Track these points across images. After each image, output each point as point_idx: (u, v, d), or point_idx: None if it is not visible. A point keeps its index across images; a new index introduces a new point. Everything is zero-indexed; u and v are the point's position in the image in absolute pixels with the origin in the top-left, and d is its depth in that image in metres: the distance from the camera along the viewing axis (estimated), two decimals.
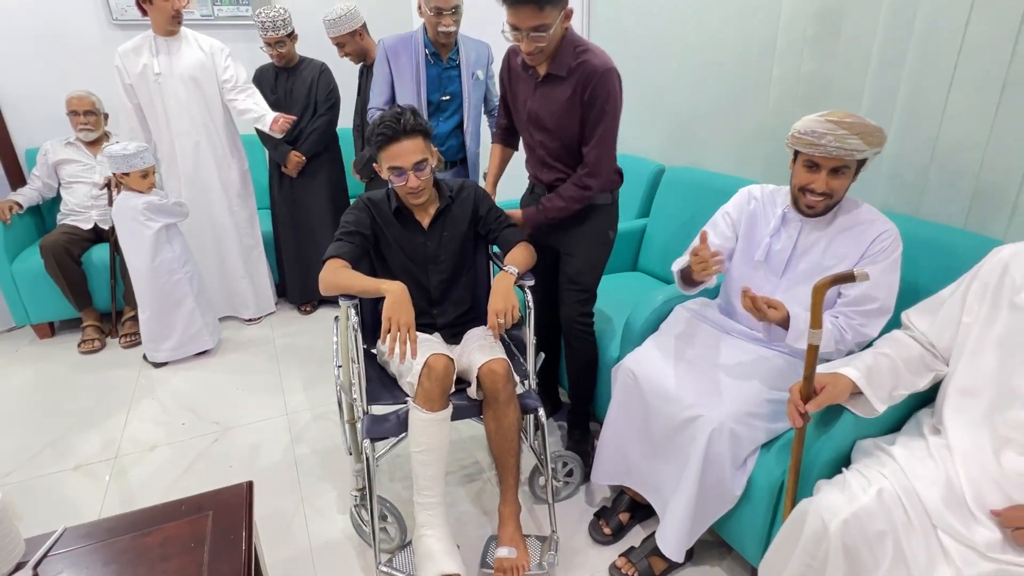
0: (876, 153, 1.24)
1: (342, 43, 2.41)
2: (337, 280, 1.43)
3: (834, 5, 1.62)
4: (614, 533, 1.55)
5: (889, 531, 0.94)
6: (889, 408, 1.13)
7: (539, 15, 1.35)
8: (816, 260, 1.35)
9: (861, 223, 1.31)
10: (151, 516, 1.12)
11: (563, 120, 1.52)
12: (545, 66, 1.50)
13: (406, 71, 2.08)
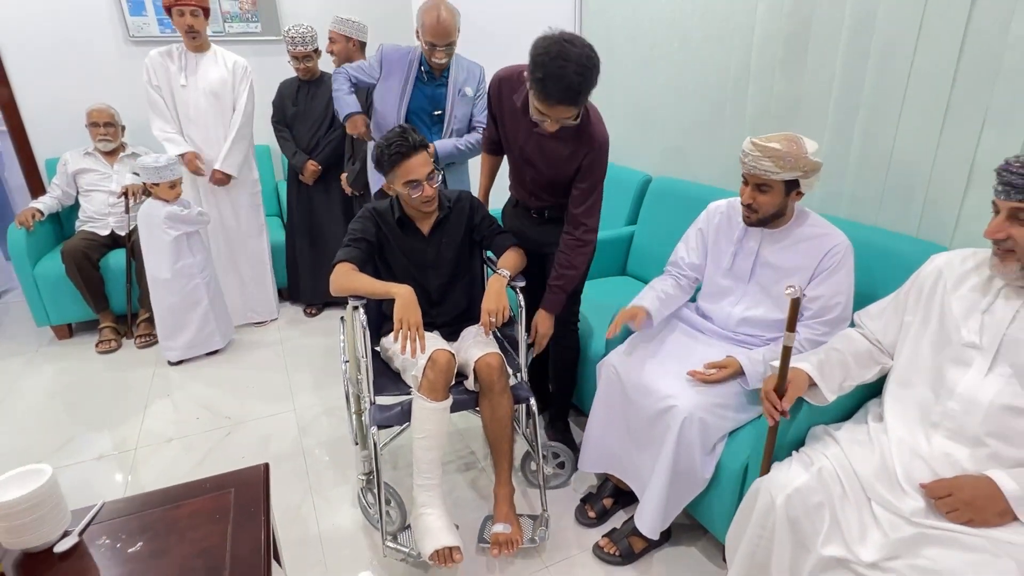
0: (802, 176, 1.34)
1: (335, 40, 2.57)
2: (348, 283, 1.58)
3: (800, 31, 1.77)
4: (598, 517, 1.69)
5: (826, 503, 1.07)
6: (840, 398, 1.27)
7: (572, 111, 1.40)
8: (777, 268, 1.49)
9: (816, 236, 1.44)
10: (180, 492, 1.25)
11: (556, 167, 1.60)
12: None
13: (395, 84, 2.19)
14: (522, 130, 1.62)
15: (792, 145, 1.34)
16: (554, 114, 1.40)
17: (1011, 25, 1.30)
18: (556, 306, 1.70)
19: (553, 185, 1.67)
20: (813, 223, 1.46)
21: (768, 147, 1.34)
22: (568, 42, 1.34)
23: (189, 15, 2.46)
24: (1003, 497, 0.98)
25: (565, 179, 1.62)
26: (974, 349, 1.11)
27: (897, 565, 0.97)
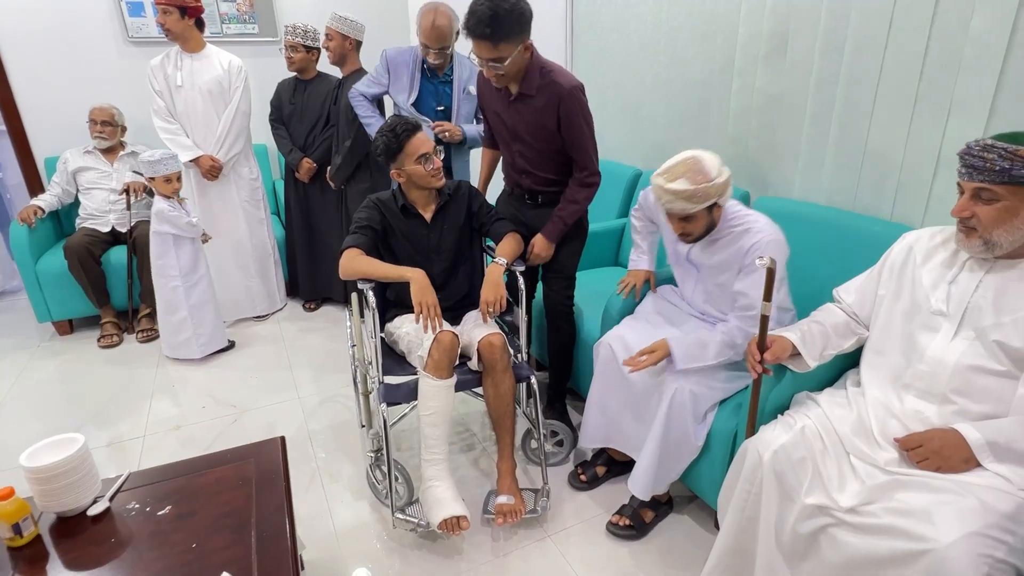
0: (713, 201, 1.42)
1: (331, 36, 2.64)
2: (359, 266, 1.66)
3: (780, 29, 1.88)
4: (589, 481, 1.79)
5: (809, 457, 1.16)
6: (821, 368, 1.37)
7: (494, 50, 1.55)
8: (710, 267, 1.59)
9: (737, 234, 1.50)
10: (203, 462, 1.32)
11: (538, 132, 1.72)
12: (516, 86, 1.70)
13: (403, 82, 2.32)
14: (500, 104, 1.78)
15: (697, 177, 1.39)
16: (481, 53, 1.57)
17: (971, 22, 1.41)
18: (555, 235, 1.82)
19: (542, 155, 1.77)
20: (733, 222, 1.51)
21: (677, 191, 1.39)
22: None
23: (161, 13, 2.50)
24: (968, 446, 1.08)
25: (551, 141, 1.73)
26: (941, 316, 1.21)
27: (872, 508, 1.06)
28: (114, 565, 1.05)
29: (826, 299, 1.49)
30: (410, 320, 1.74)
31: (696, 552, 1.55)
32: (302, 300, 3.23)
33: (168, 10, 2.48)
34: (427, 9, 2.15)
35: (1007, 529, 0.95)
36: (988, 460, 1.07)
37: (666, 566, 1.54)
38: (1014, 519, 0.97)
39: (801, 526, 1.14)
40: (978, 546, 0.92)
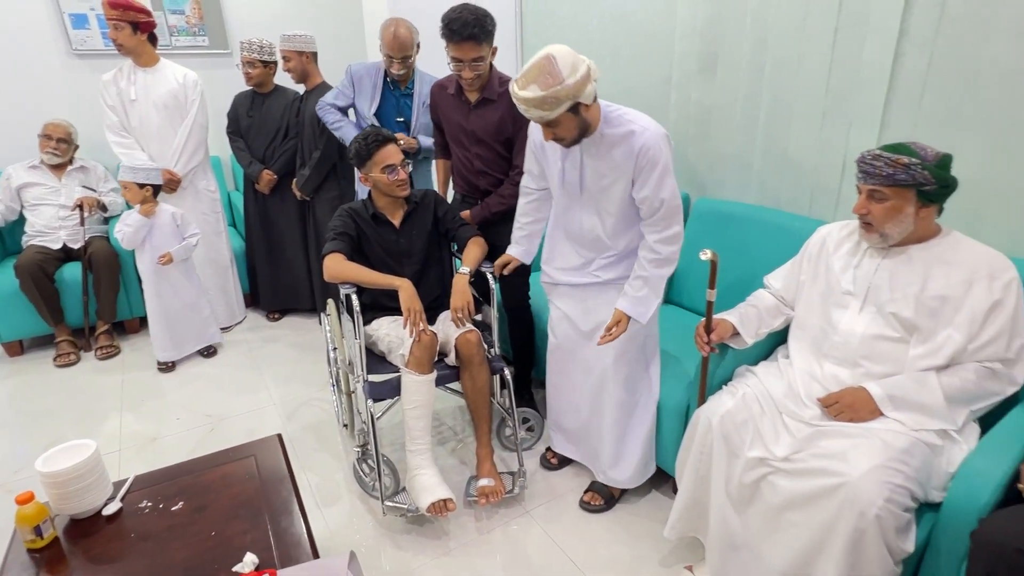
0: (571, 103, 1.37)
1: (288, 58, 2.72)
2: (347, 271, 1.77)
3: (710, 50, 2.12)
4: (560, 463, 1.96)
5: (750, 419, 1.37)
6: (757, 344, 1.60)
7: (477, 48, 1.75)
8: (602, 175, 1.57)
9: (624, 136, 1.50)
10: (204, 462, 1.40)
11: (499, 134, 1.93)
12: (476, 94, 1.90)
13: (366, 94, 2.44)
14: (458, 112, 1.96)
15: (548, 80, 1.34)
16: (462, 53, 1.75)
17: (863, 48, 1.68)
18: (477, 217, 2.04)
19: (499, 156, 1.97)
20: (618, 122, 1.50)
21: (529, 98, 1.35)
22: (466, 3, 1.76)
23: (112, 28, 2.50)
24: (873, 400, 1.32)
25: (508, 142, 1.94)
26: (850, 295, 1.45)
27: (801, 455, 1.28)
28: (140, 557, 1.13)
29: (758, 286, 1.72)
30: (387, 323, 1.86)
31: (658, 514, 1.75)
32: (265, 311, 3.26)
33: (120, 25, 2.47)
34: (388, 22, 2.28)
35: (903, 461, 1.18)
36: (889, 410, 1.31)
37: (634, 529, 1.73)
38: (908, 453, 1.20)
39: (745, 477, 1.35)
40: (882, 475, 1.15)
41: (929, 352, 1.33)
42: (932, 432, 1.27)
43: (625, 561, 1.62)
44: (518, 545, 1.68)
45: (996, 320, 1.29)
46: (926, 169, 1.27)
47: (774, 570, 1.31)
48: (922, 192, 1.30)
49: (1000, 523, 1.03)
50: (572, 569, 1.59)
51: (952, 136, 1.54)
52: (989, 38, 1.44)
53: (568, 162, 1.61)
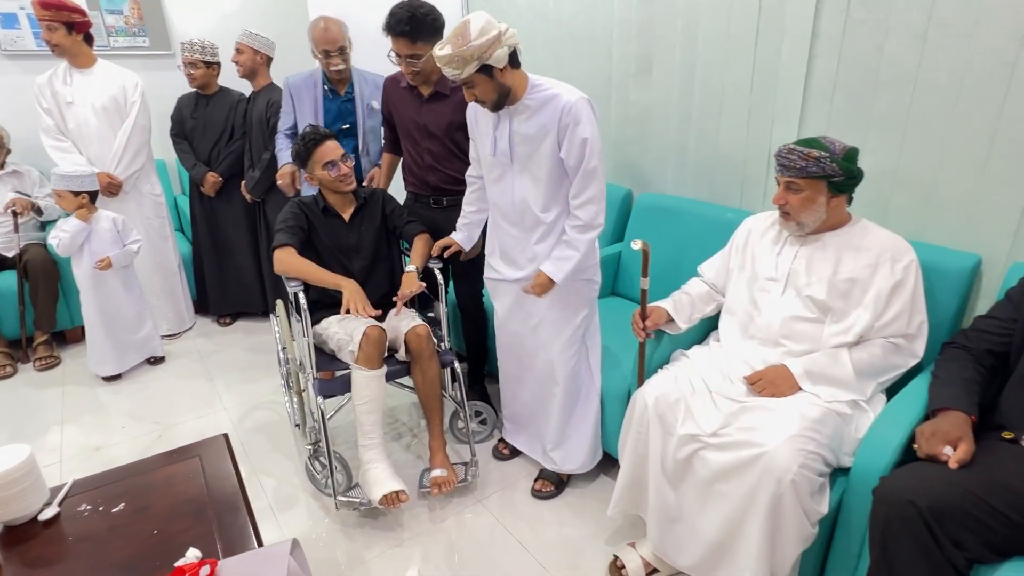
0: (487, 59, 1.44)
1: (242, 50, 2.70)
2: (297, 266, 1.80)
3: (645, 52, 2.22)
4: (512, 453, 2.02)
5: (682, 398, 1.45)
6: (691, 330, 1.69)
7: (412, 47, 1.78)
8: (529, 137, 1.60)
9: (548, 100, 1.56)
10: (148, 464, 1.39)
11: (452, 128, 1.92)
12: (429, 88, 1.92)
13: (307, 106, 2.40)
14: (411, 106, 1.98)
15: (458, 41, 1.42)
16: (400, 50, 1.79)
17: (782, 49, 1.79)
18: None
19: (450, 151, 1.97)
20: (537, 91, 1.58)
21: (441, 56, 1.43)
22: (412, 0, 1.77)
23: (45, 29, 2.42)
24: (793, 376, 1.42)
25: (456, 142, 1.94)
26: (772, 281, 1.55)
27: (728, 430, 1.36)
28: (78, 559, 1.12)
29: (693, 275, 1.81)
30: (335, 321, 1.87)
31: (605, 496, 1.80)
32: (214, 316, 3.20)
33: (53, 26, 2.40)
34: (314, 22, 2.28)
35: (816, 429, 1.28)
36: (806, 384, 1.41)
37: (582, 512, 1.79)
38: (821, 422, 1.30)
39: (679, 453, 1.42)
40: (796, 443, 1.24)
41: (841, 330, 1.44)
42: (844, 403, 1.37)
43: (573, 542, 1.68)
44: (471, 532, 1.72)
45: (898, 299, 1.41)
46: (834, 162, 1.38)
47: (706, 539, 1.39)
48: (832, 183, 1.41)
49: (896, 480, 1.13)
50: (522, 553, 1.65)
51: (861, 131, 1.67)
52: (888, 40, 1.57)
53: (498, 131, 1.66)
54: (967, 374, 1.27)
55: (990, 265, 1.51)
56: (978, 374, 1.28)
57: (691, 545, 1.44)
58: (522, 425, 1.97)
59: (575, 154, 1.57)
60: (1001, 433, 1.21)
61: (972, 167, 1.50)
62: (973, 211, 1.52)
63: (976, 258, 1.50)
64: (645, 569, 1.54)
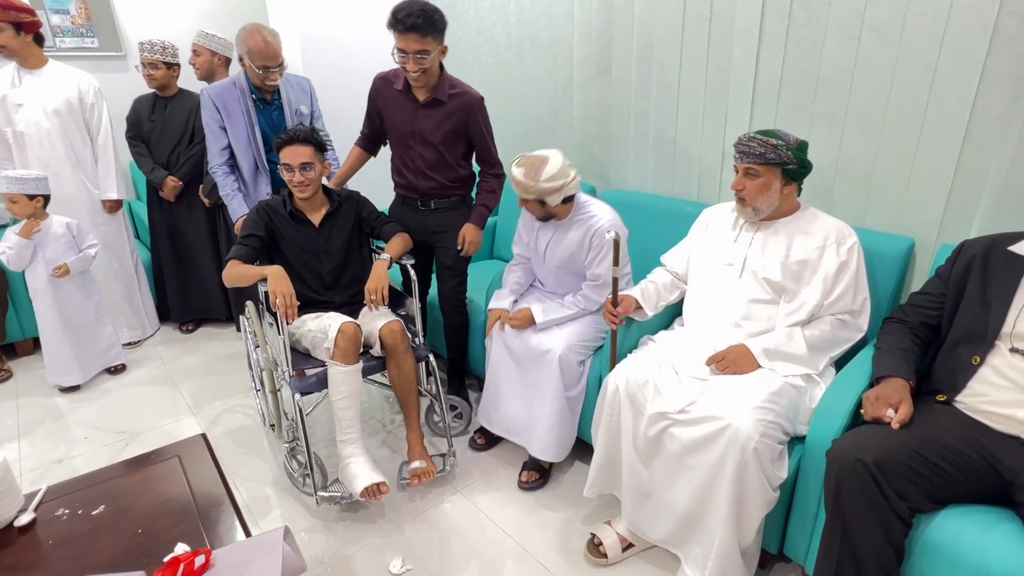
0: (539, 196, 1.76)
1: (199, 52, 2.66)
2: (234, 273, 1.80)
3: (604, 54, 2.31)
4: (487, 443, 2.07)
5: (651, 379, 1.53)
6: (657, 316, 1.78)
7: (422, 41, 1.76)
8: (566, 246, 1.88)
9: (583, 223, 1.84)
10: (126, 465, 1.38)
11: (446, 135, 1.95)
12: (425, 92, 1.92)
13: (238, 119, 2.20)
14: (404, 110, 1.97)
15: (531, 173, 1.72)
16: (409, 46, 1.77)
17: (732, 50, 1.91)
18: (482, 219, 2.09)
19: (443, 158, 1.99)
20: (578, 215, 1.85)
21: (513, 174, 1.75)
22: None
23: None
24: (752, 355, 1.52)
25: (455, 143, 1.99)
26: (730, 266, 1.66)
27: (694, 407, 1.45)
28: (60, 561, 1.10)
29: (656, 265, 1.91)
30: (310, 319, 1.88)
31: (581, 479, 1.88)
32: (176, 323, 3.13)
33: (1, 27, 2.32)
34: (251, 30, 2.06)
35: (774, 401, 1.38)
36: (764, 361, 1.51)
37: (560, 495, 1.86)
38: (778, 394, 1.40)
39: (649, 431, 1.50)
40: (757, 414, 1.34)
41: (794, 309, 1.56)
42: (798, 377, 1.49)
43: (553, 524, 1.74)
44: (451, 521, 1.76)
45: (844, 279, 1.53)
46: (789, 150, 1.50)
47: (677, 511, 1.47)
48: (786, 170, 1.52)
49: (845, 441, 1.24)
50: (503, 537, 1.70)
51: (805, 126, 1.80)
52: (826, 43, 1.70)
53: (542, 235, 1.95)
54: (904, 344, 1.39)
55: (922, 247, 1.65)
56: (914, 344, 1.40)
57: (663, 518, 1.52)
58: (509, 417, 1.98)
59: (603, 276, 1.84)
60: (935, 396, 1.34)
61: (903, 159, 1.64)
62: (905, 199, 1.66)
63: (909, 241, 1.64)
64: (621, 544, 1.62)
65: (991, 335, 1.26)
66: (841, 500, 1.19)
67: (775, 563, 1.59)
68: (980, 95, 1.47)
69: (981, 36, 1.43)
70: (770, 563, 1.58)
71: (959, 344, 1.33)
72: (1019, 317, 1.23)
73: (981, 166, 1.51)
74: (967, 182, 1.55)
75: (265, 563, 0.98)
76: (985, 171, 1.50)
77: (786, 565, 1.58)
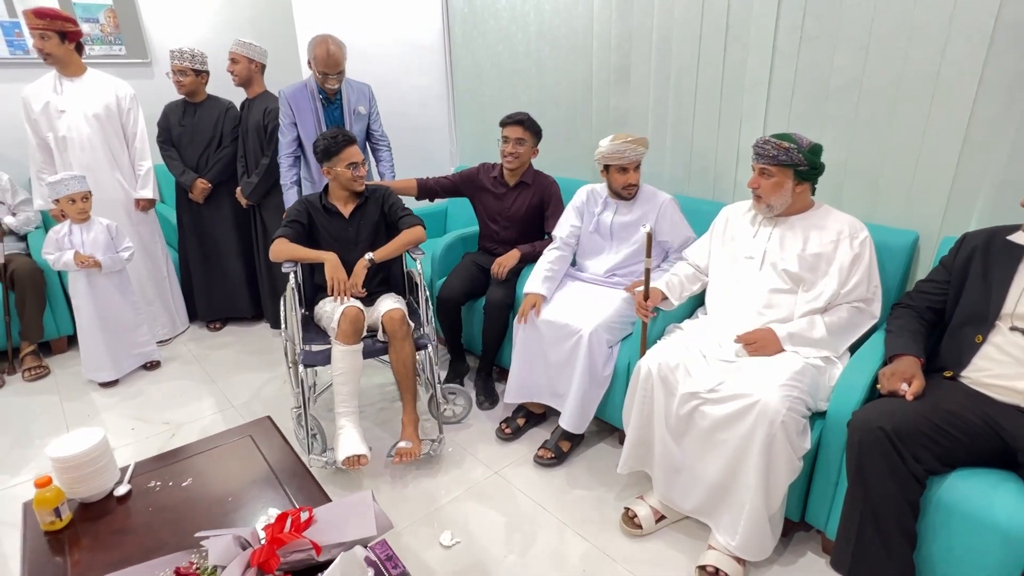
0: (645, 152, 2.05)
1: (236, 60, 2.78)
2: (287, 250, 2.01)
3: (623, 61, 2.45)
4: (513, 432, 2.18)
5: (681, 362, 1.66)
6: (682, 306, 1.92)
7: (523, 132, 2.27)
8: (634, 220, 2.13)
9: (649, 199, 2.10)
10: (205, 443, 1.50)
11: (529, 213, 2.40)
12: (515, 178, 2.38)
13: (308, 115, 2.58)
14: (491, 195, 2.45)
15: (632, 135, 1.99)
16: (511, 134, 2.28)
17: (747, 60, 2.06)
18: (527, 255, 2.38)
19: (525, 230, 2.46)
20: (641, 192, 2.15)
21: (634, 139, 1.99)
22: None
23: (38, 38, 2.44)
24: (777, 339, 1.66)
25: (534, 219, 2.45)
26: (750, 259, 1.79)
27: (722, 386, 1.58)
28: (162, 526, 1.21)
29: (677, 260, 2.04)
30: (329, 302, 2.05)
31: (607, 459, 2.01)
32: (204, 322, 3.22)
33: (47, 35, 2.42)
34: (319, 41, 2.42)
35: (798, 379, 1.52)
36: (788, 345, 1.65)
37: (591, 475, 1.98)
38: (801, 373, 1.54)
39: (681, 410, 1.63)
40: (783, 391, 1.47)
41: (812, 298, 1.69)
42: (819, 359, 1.62)
43: (588, 501, 1.86)
44: (492, 500, 1.87)
45: (858, 270, 1.67)
46: (801, 153, 1.64)
47: (708, 483, 1.60)
48: (798, 171, 1.66)
49: (865, 412, 1.37)
50: (542, 512, 1.81)
51: (816, 130, 1.94)
52: (836, 53, 1.84)
53: (607, 213, 2.21)
54: (913, 327, 1.54)
55: (926, 240, 1.80)
56: (922, 326, 1.54)
57: (694, 490, 1.65)
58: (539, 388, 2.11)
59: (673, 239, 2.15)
60: (942, 373, 1.48)
61: (908, 159, 1.79)
62: (910, 196, 1.81)
63: (914, 235, 1.79)
64: (654, 516, 1.74)
65: (992, 316, 1.40)
66: (863, 464, 1.32)
67: (796, 531, 1.72)
68: (978, 100, 1.62)
69: (979, 46, 1.58)
70: (791, 532, 1.71)
71: (963, 325, 1.47)
72: (1019, 299, 1.37)
73: (979, 166, 1.66)
74: (967, 180, 1.69)
75: (360, 520, 1.09)
76: (983, 170, 1.65)
77: (806, 533, 1.72)
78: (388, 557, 1.03)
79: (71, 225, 2.45)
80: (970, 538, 1.27)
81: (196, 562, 1.00)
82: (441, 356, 2.63)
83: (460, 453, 2.10)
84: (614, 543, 1.70)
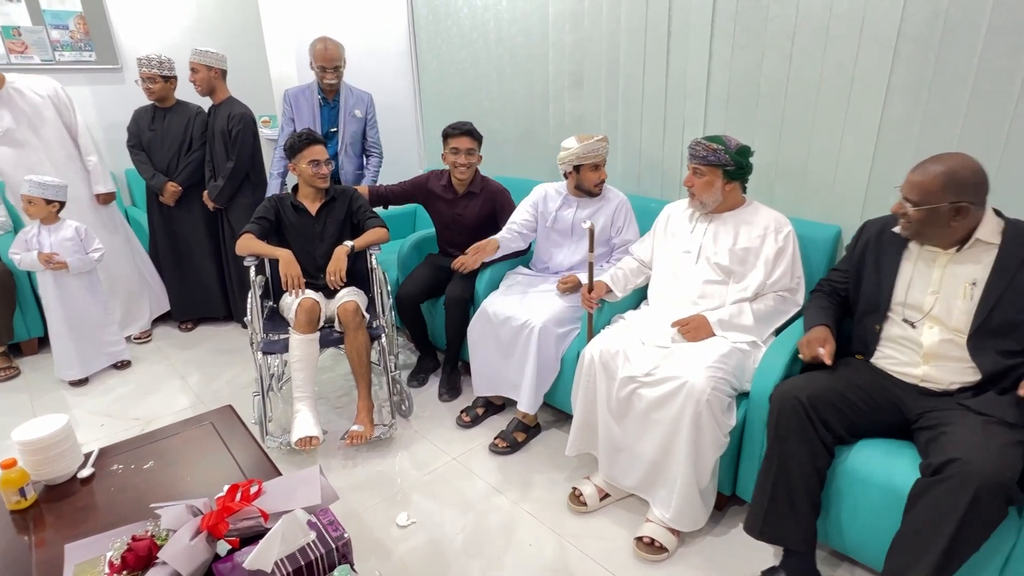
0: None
1: (196, 69, 2.84)
2: (248, 245, 2.14)
3: (577, 68, 2.58)
4: (472, 421, 2.29)
5: (621, 349, 1.78)
6: (626, 298, 2.04)
7: (471, 142, 2.36)
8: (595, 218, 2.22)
9: (609, 202, 2.23)
10: (166, 430, 1.57)
11: (479, 219, 2.47)
12: (464, 187, 2.45)
13: (305, 112, 2.84)
14: (444, 202, 2.51)
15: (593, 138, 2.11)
16: (461, 145, 2.35)
17: (687, 66, 2.19)
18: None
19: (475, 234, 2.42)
20: (609, 194, 2.26)
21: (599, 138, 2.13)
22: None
23: None
24: (710, 324, 1.78)
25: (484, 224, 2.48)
26: (687, 253, 1.92)
27: (657, 370, 1.69)
28: (124, 503, 1.29)
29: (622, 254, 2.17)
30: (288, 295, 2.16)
31: (558, 446, 2.12)
32: (176, 322, 3.28)
33: None
34: (316, 39, 2.74)
35: (724, 362, 1.64)
36: (719, 331, 1.78)
37: (542, 461, 2.09)
38: (727, 356, 1.66)
39: (620, 393, 1.74)
40: (708, 372, 1.59)
41: (742, 288, 1.83)
42: (745, 343, 1.75)
43: (539, 483, 1.97)
44: (449, 484, 1.97)
45: (782, 262, 1.81)
46: (727, 154, 1.77)
47: (645, 460, 1.72)
48: (726, 171, 1.79)
49: (784, 385, 1.50)
50: (495, 494, 1.92)
51: (750, 132, 2.08)
52: (764, 60, 1.99)
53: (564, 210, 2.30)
54: (824, 303, 1.67)
55: (847, 232, 1.94)
56: (832, 304, 1.68)
57: (634, 468, 1.76)
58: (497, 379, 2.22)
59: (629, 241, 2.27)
60: (855, 355, 1.62)
61: (830, 158, 1.93)
62: (832, 192, 1.96)
63: (837, 228, 1.93)
64: (599, 494, 1.86)
65: (883, 306, 1.53)
66: (779, 429, 1.45)
67: (730, 505, 1.84)
68: (887, 103, 1.77)
69: (885, 56, 1.73)
70: (726, 505, 1.84)
71: (865, 315, 1.60)
72: (908, 291, 1.50)
73: (890, 162, 1.81)
74: (880, 176, 1.84)
75: (307, 491, 1.19)
76: (894, 166, 1.80)
77: (739, 508, 1.84)
78: (330, 522, 1.12)
79: (40, 226, 2.50)
80: (873, 500, 1.40)
81: (151, 530, 1.08)
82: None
83: (420, 440, 2.20)
84: (561, 520, 1.81)
